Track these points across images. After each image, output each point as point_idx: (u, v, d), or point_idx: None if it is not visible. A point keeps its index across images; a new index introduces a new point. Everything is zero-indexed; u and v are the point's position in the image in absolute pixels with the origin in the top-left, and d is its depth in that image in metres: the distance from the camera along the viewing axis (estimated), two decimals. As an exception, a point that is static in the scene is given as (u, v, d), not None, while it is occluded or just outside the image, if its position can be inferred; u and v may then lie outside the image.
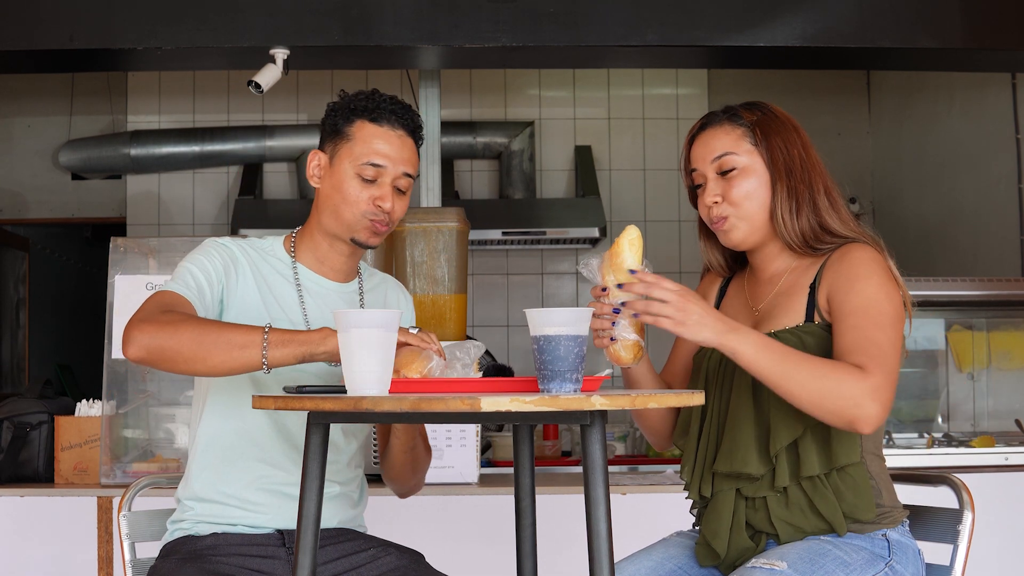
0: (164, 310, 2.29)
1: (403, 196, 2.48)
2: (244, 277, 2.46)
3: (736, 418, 2.28)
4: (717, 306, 2.46)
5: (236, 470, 2.44)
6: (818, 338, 2.23)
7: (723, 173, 2.31)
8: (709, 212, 2.34)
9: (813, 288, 2.28)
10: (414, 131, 2.49)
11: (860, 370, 2.11)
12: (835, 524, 2.20)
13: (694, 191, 2.38)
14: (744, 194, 2.30)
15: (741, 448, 2.25)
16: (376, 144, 2.44)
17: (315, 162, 2.50)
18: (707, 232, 2.44)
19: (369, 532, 2.58)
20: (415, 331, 2.23)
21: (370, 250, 2.58)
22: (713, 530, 2.28)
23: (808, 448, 2.21)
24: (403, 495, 2.67)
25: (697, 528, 2.42)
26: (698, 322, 2.10)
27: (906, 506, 2.33)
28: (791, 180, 2.29)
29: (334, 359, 2.22)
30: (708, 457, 2.32)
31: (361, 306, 2.55)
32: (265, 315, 2.44)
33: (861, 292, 2.20)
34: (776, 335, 2.25)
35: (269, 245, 2.54)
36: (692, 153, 2.37)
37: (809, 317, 2.26)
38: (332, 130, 2.48)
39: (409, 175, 2.47)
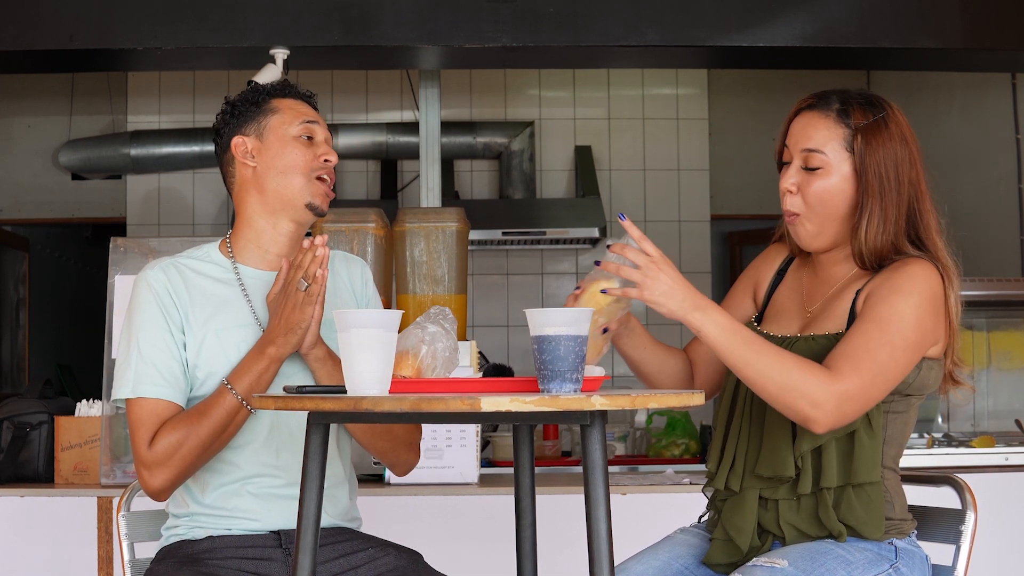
0: (153, 435, 2.36)
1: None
2: (182, 304, 2.44)
3: (772, 417, 2.22)
4: (772, 288, 2.39)
5: (224, 482, 2.42)
6: None
7: (808, 167, 2.23)
8: (783, 197, 2.26)
9: (858, 294, 2.21)
10: (315, 107, 2.59)
11: (830, 373, 2.07)
12: (833, 532, 2.19)
13: (781, 163, 2.30)
14: (819, 197, 2.22)
15: (779, 451, 2.20)
16: (300, 107, 2.52)
17: (242, 148, 2.49)
18: None
19: (368, 532, 2.58)
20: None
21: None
22: (738, 526, 2.24)
23: (830, 459, 2.18)
24: (397, 473, 2.64)
25: (702, 521, 2.40)
26: (665, 293, 2.07)
27: (908, 507, 2.33)
28: (883, 199, 2.20)
29: (299, 347, 2.37)
30: (740, 453, 2.27)
31: None
32: (213, 328, 2.43)
33: (893, 305, 2.12)
34: (813, 339, 2.21)
35: (205, 253, 2.52)
36: (791, 128, 2.27)
37: (850, 323, 2.20)
38: (248, 115, 2.50)
39: (330, 130, 2.56)
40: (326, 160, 2.47)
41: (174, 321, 2.42)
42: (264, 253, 2.50)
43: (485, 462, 4.64)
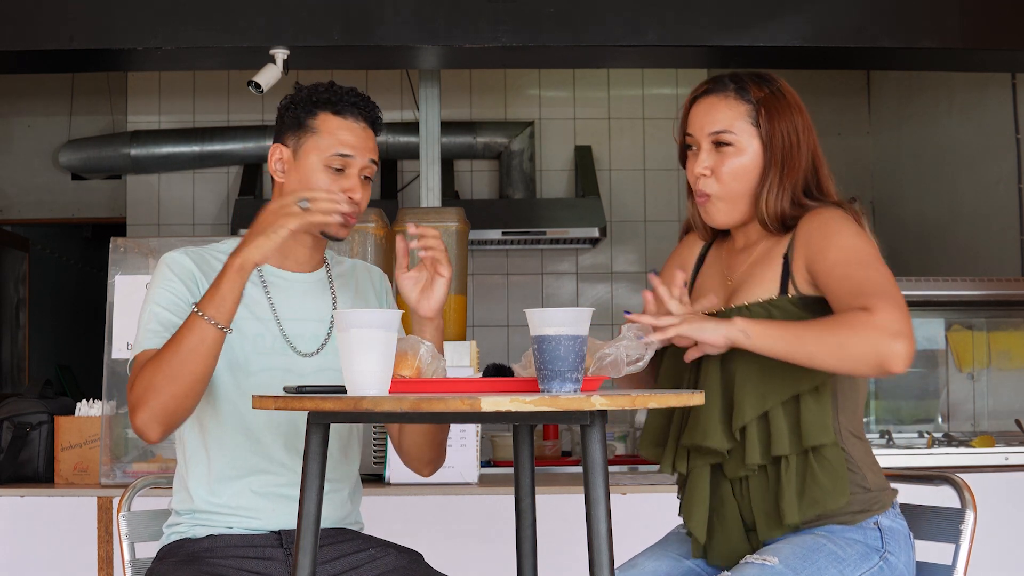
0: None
1: (368, 184, 2.49)
2: (202, 288, 2.42)
3: (704, 393, 2.25)
4: (695, 274, 2.42)
5: (227, 477, 2.42)
6: (786, 313, 2.19)
7: (718, 145, 2.28)
8: (696, 182, 2.31)
9: (787, 259, 2.24)
10: (374, 123, 2.50)
11: (866, 312, 2.06)
12: (786, 511, 2.17)
13: (685, 150, 2.35)
14: (733, 173, 2.27)
15: (703, 421, 2.22)
16: (342, 135, 2.44)
17: (277, 156, 2.48)
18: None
19: (368, 532, 2.58)
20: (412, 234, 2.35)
21: (339, 241, 2.54)
22: (688, 512, 2.26)
23: (778, 426, 2.18)
24: (424, 475, 2.65)
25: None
26: (714, 329, 2.09)
27: (906, 505, 2.33)
28: (784, 167, 2.26)
29: (268, 254, 2.29)
30: (679, 431, 2.29)
31: (331, 293, 2.54)
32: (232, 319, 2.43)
33: (839, 244, 2.17)
34: (747, 307, 2.22)
35: (228, 247, 2.50)
36: (691, 116, 2.33)
37: (783, 289, 2.22)
38: (294, 123, 2.47)
39: (375, 161, 2.48)
40: (349, 197, 2.43)
41: (192, 295, 2.42)
42: (284, 257, 2.51)
43: (485, 462, 4.64)
